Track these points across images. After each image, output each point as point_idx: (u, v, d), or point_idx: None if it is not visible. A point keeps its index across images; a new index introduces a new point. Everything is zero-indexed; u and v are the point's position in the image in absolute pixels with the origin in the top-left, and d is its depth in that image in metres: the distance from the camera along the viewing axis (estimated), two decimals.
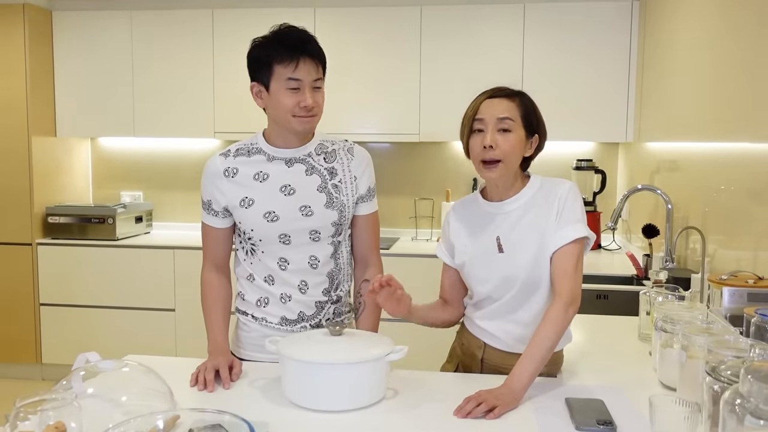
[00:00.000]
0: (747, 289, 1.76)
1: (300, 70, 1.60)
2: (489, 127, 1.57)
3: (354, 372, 1.39)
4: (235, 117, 4.02)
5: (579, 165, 3.95)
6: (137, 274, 3.96)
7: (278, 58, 1.60)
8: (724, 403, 0.97)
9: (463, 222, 1.71)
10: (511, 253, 1.59)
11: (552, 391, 1.50)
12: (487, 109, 1.58)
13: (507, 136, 1.56)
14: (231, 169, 1.71)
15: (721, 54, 2.33)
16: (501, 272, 1.60)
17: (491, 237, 1.63)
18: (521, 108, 1.59)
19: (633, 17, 3.69)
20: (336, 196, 1.72)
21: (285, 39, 1.62)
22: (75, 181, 4.44)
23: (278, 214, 1.68)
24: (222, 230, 1.75)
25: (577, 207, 1.58)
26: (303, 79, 1.61)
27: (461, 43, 3.83)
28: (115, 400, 1.32)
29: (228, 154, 1.73)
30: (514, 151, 1.57)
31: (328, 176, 1.72)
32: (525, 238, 1.59)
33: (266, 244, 1.71)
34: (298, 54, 1.59)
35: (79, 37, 4.15)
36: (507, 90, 1.61)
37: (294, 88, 1.61)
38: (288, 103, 1.62)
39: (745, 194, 2.10)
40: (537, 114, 1.63)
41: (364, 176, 1.77)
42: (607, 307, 2.64)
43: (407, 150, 4.26)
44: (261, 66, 1.64)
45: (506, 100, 1.58)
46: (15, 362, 4.14)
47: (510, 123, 1.56)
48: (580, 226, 1.56)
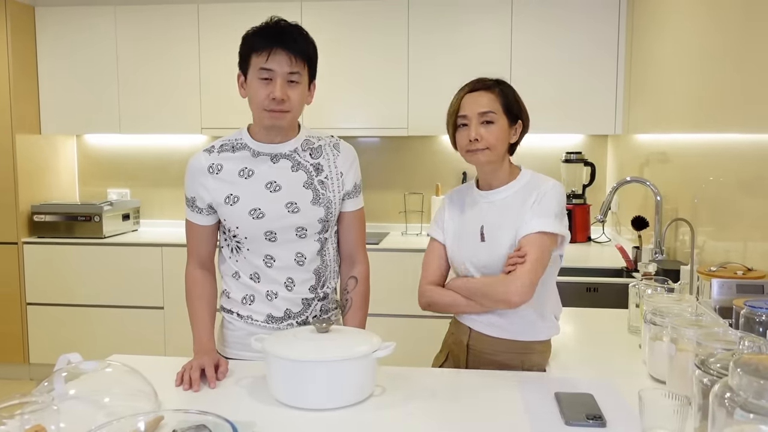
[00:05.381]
0: (736, 281, 1.76)
1: (272, 60, 1.58)
2: (472, 121, 1.63)
3: (341, 369, 1.37)
4: (222, 113, 3.99)
5: (568, 158, 3.95)
6: (125, 272, 3.92)
7: (254, 49, 1.60)
8: (713, 397, 0.96)
9: (456, 206, 1.77)
10: (491, 243, 1.64)
11: (541, 386, 1.49)
12: (468, 104, 1.64)
13: (490, 128, 1.62)
14: (215, 165, 1.68)
15: (709, 45, 2.32)
16: (480, 260, 1.66)
17: (476, 225, 1.69)
18: (501, 98, 1.64)
19: (621, 9, 3.68)
20: (322, 193, 1.70)
21: (264, 30, 1.62)
22: (61, 179, 4.39)
23: (264, 211, 1.65)
24: (206, 227, 1.73)
25: (554, 203, 1.61)
26: (275, 70, 1.58)
27: (449, 37, 3.81)
28: (98, 402, 1.30)
29: (212, 150, 1.70)
30: (499, 141, 1.63)
31: (314, 172, 1.70)
32: (504, 229, 1.63)
33: (252, 242, 1.68)
34: (271, 44, 1.58)
35: (63, 33, 4.10)
36: (486, 81, 1.66)
37: (265, 78, 1.59)
38: (259, 94, 1.60)
39: (734, 185, 2.10)
40: (518, 101, 1.67)
41: (350, 172, 1.76)
42: (597, 300, 2.64)
43: (396, 144, 4.24)
44: (242, 56, 1.64)
45: (486, 93, 1.63)
46: (2, 362, 4.09)
47: (492, 116, 1.62)
48: (551, 221, 1.58)
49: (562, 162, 3.96)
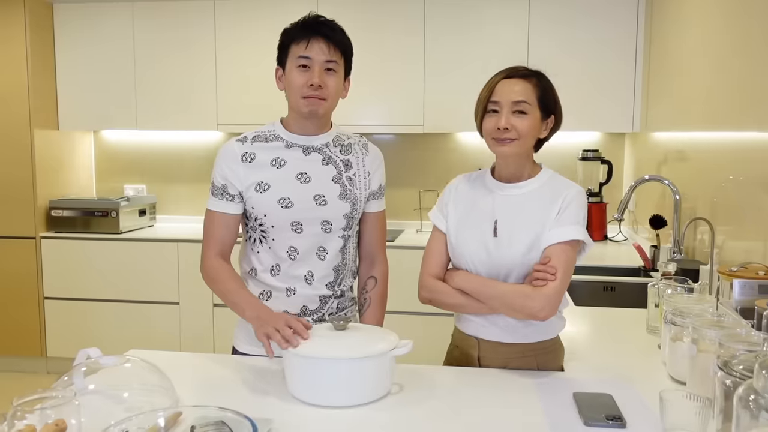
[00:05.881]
0: (758, 281, 1.74)
1: (311, 48, 1.63)
2: (504, 109, 1.54)
3: (359, 367, 1.37)
4: (237, 109, 3.99)
5: (585, 155, 3.92)
6: (141, 267, 3.95)
7: (293, 39, 1.66)
8: (737, 399, 0.95)
9: (463, 194, 1.68)
10: (505, 240, 1.57)
11: (559, 386, 1.48)
12: (502, 91, 1.55)
13: (522, 118, 1.54)
14: (249, 153, 1.70)
15: (729, 41, 2.29)
16: (491, 256, 1.58)
17: (488, 217, 1.60)
18: (538, 89, 1.56)
19: (639, 5, 3.64)
20: (350, 189, 1.73)
21: (303, 23, 1.67)
22: (78, 175, 4.43)
23: (292, 200, 1.67)
24: (234, 216, 1.71)
25: (580, 212, 1.56)
26: (313, 57, 1.63)
27: (466, 34, 3.79)
28: (117, 397, 1.30)
29: (245, 141, 1.72)
30: (530, 132, 1.55)
31: (343, 168, 1.73)
32: (521, 227, 1.57)
33: (278, 231, 1.69)
34: (309, 33, 1.64)
35: (81, 30, 4.12)
36: (524, 70, 1.58)
37: (303, 66, 1.64)
38: (298, 81, 1.64)
39: (754, 184, 2.07)
40: (554, 95, 1.59)
41: (377, 173, 1.80)
42: (614, 299, 2.62)
43: (412, 141, 4.23)
44: (281, 48, 1.69)
45: (522, 81, 1.55)
46: (20, 355, 4.14)
47: (526, 106, 1.54)
48: (577, 229, 1.54)
49: (579, 160, 3.93)
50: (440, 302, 1.64)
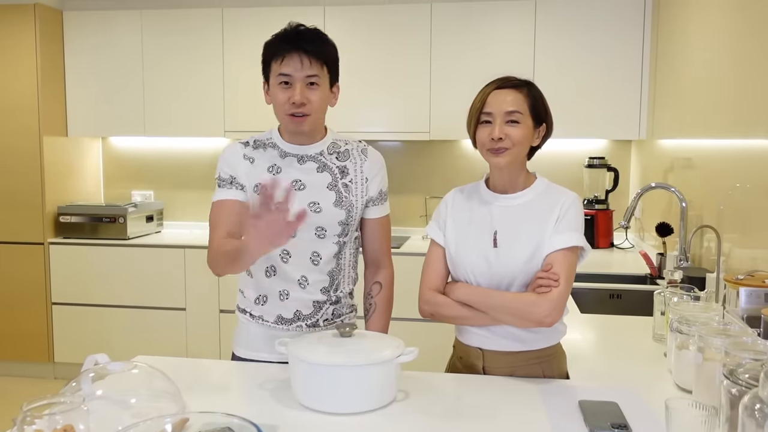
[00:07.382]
0: (764, 290, 1.73)
1: (287, 64, 1.61)
2: (497, 119, 1.57)
3: (364, 374, 1.37)
4: (245, 116, 4.02)
5: (591, 163, 3.92)
6: (148, 273, 3.97)
7: (273, 55, 1.63)
8: (743, 408, 0.95)
9: (460, 207, 1.69)
10: (506, 251, 1.58)
11: (565, 393, 1.48)
12: (494, 102, 1.57)
13: (515, 128, 1.56)
14: (249, 157, 1.72)
15: (736, 49, 2.29)
16: (492, 267, 1.58)
17: (487, 229, 1.61)
18: (529, 99, 1.58)
19: (646, 12, 3.65)
20: (345, 196, 1.72)
21: (281, 36, 1.64)
22: (86, 181, 4.45)
23: None
24: (243, 204, 1.68)
25: (578, 218, 1.59)
26: (292, 74, 1.61)
27: (472, 41, 3.81)
28: (124, 402, 1.31)
29: (247, 144, 1.74)
30: (523, 141, 1.58)
31: (339, 175, 1.73)
32: (521, 237, 1.58)
33: None
34: (286, 49, 1.61)
35: (90, 37, 4.16)
36: (514, 80, 1.60)
37: (284, 83, 1.62)
38: (280, 99, 1.63)
39: (761, 192, 2.06)
40: (544, 104, 1.62)
41: (375, 179, 1.77)
42: (620, 307, 2.61)
43: (418, 148, 4.24)
44: (264, 64, 1.68)
45: (514, 92, 1.58)
46: (28, 361, 4.16)
47: (518, 116, 1.56)
48: (576, 235, 1.56)
49: (585, 167, 3.93)
50: (442, 315, 1.63)
